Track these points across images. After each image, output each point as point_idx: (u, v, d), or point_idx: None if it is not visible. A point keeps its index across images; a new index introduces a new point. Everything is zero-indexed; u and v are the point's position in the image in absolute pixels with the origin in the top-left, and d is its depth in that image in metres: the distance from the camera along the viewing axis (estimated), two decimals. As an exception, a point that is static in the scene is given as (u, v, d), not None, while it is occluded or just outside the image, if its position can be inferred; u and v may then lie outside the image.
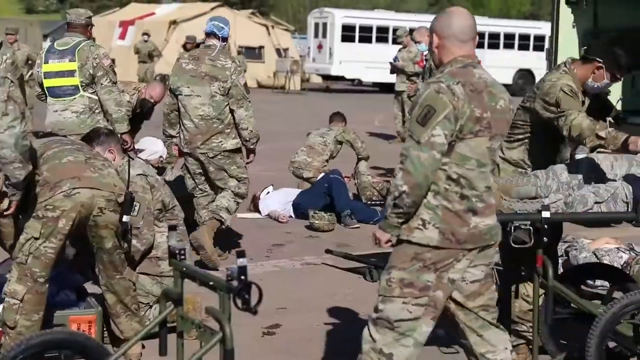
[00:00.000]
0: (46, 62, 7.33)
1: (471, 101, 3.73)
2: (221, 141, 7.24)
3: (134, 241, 5.21)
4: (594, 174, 4.84)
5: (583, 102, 5.00)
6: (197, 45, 18.69)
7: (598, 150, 4.98)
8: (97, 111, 7.26)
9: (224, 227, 7.39)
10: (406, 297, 3.80)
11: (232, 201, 7.36)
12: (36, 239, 4.68)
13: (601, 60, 4.98)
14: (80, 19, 7.48)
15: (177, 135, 7.46)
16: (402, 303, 3.80)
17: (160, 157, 6.56)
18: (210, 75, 7.23)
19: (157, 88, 7.89)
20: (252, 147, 7.37)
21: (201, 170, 7.43)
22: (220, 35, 7.34)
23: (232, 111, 7.23)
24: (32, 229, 4.69)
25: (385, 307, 3.84)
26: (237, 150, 7.36)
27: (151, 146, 6.63)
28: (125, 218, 4.91)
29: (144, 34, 25.24)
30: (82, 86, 7.24)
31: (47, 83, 7.31)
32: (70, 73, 7.26)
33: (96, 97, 7.27)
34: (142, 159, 5.97)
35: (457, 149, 3.76)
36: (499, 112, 3.83)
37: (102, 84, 7.23)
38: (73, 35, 7.43)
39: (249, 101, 7.29)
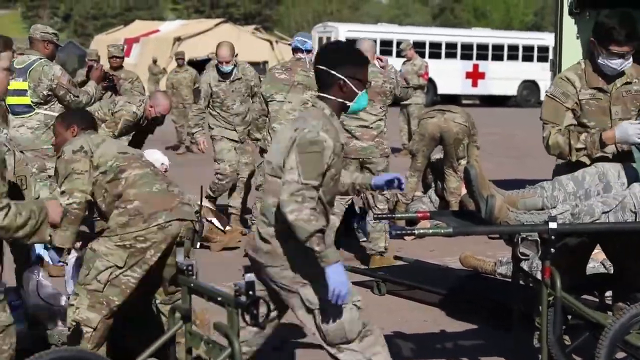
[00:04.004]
0: None
1: None
2: None
3: None
4: (601, 184, 4.81)
5: (600, 89, 4.82)
6: (192, 61, 18.66)
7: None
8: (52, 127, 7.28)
9: None
10: None
11: None
12: (119, 267, 4.60)
13: (593, 37, 4.80)
14: (36, 33, 7.46)
15: (261, 139, 8.26)
16: None
17: (162, 164, 6.57)
18: (303, 84, 7.93)
19: (163, 103, 7.89)
20: None
21: None
22: (304, 49, 8.09)
23: None
24: (115, 257, 4.60)
25: None
26: None
27: (150, 157, 6.64)
28: (197, 245, 4.94)
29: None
30: (35, 105, 7.25)
31: (8, 100, 7.34)
32: (22, 92, 7.27)
33: (52, 113, 7.26)
34: None
35: None
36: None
37: (68, 101, 7.29)
38: (31, 52, 7.42)
39: None
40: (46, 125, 7.24)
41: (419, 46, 27.44)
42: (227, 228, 8.90)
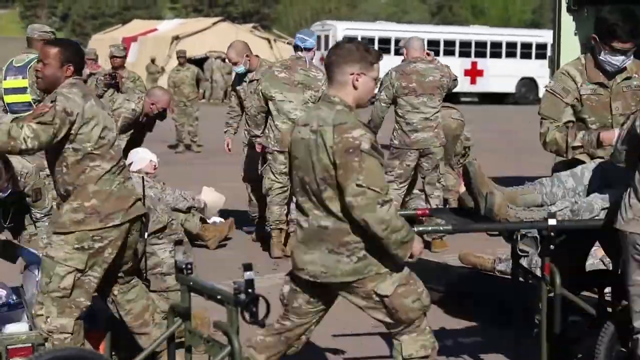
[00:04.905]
0: (5, 78, 7.34)
1: (399, 79, 8.35)
2: None
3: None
4: (601, 180, 4.81)
5: (602, 84, 4.80)
6: (190, 60, 18.53)
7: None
8: None
9: None
10: None
11: None
12: (80, 271, 4.56)
13: (595, 33, 4.80)
14: (34, 33, 7.46)
15: (261, 135, 8.26)
16: None
17: (151, 160, 6.53)
18: (303, 83, 8.04)
19: (163, 98, 7.86)
20: None
21: (286, 171, 7.93)
22: (302, 47, 8.17)
23: None
24: (76, 261, 4.54)
25: None
26: None
27: (136, 156, 6.59)
28: (146, 235, 4.95)
29: None
30: (34, 103, 7.25)
31: (7, 99, 7.32)
32: (23, 90, 7.26)
33: None
34: (134, 172, 5.89)
35: (399, 101, 8.36)
36: (426, 83, 8.32)
37: None
38: (29, 51, 7.42)
39: None
40: None
41: (417, 44, 27.38)
42: (217, 221, 8.90)
